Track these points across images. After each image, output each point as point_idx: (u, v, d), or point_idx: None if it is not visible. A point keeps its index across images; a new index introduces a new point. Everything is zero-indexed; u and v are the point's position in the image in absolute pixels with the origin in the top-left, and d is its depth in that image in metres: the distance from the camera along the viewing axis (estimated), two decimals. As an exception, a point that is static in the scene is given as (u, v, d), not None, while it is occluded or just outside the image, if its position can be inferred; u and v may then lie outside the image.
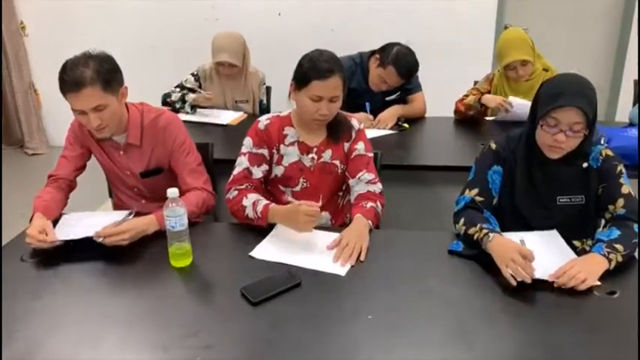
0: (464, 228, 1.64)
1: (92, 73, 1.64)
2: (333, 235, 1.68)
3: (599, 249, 1.51)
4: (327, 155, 1.91)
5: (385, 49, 2.81)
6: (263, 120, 1.90)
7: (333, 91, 1.76)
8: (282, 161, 1.91)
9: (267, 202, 1.75)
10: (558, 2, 4.25)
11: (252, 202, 1.75)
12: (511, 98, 2.75)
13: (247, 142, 1.88)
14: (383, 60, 2.80)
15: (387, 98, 2.99)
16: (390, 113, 2.88)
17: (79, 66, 1.65)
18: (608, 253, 1.48)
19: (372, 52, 2.91)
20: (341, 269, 1.53)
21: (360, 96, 2.93)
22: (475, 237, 1.58)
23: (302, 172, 1.92)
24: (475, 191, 1.71)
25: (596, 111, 1.56)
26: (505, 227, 1.66)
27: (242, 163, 1.86)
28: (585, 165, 1.65)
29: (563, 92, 1.53)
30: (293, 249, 1.63)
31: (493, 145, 1.75)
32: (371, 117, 2.85)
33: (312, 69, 1.75)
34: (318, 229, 1.69)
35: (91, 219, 1.75)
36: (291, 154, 1.91)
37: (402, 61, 2.76)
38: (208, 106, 3.10)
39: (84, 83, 1.63)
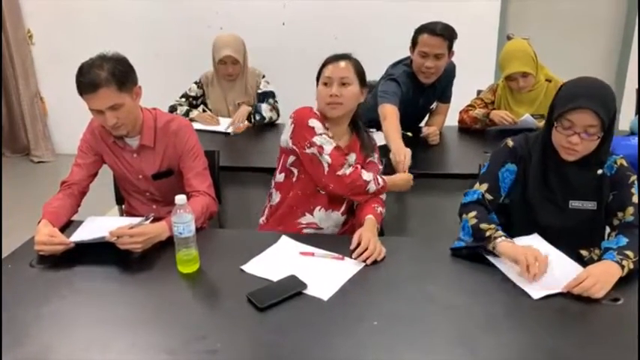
0: (475, 221, 1.64)
1: (107, 75, 1.71)
2: (318, 260, 1.64)
3: (611, 256, 1.50)
4: (351, 159, 1.95)
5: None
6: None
7: (342, 72, 1.85)
8: None
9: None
10: (560, 11, 4.28)
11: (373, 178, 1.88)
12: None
13: (318, 125, 1.84)
14: (414, 40, 2.66)
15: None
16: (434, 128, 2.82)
17: (94, 68, 1.72)
18: (621, 260, 1.48)
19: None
20: (324, 293, 1.46)
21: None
22: (488, 234, 1.60)
23: None
24: (485, 186, 1.73)
25: (614, 116, 1.56)
26: (514, 225, 1.67)
27: (329, 142, 1.84)
28: (600, 172, 1.65)
29: (579, 95, 1.54)
30: (281, 269, 1.57)
31: (510, 143, 1.76)
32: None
33: (328, 59, 1.89)
34: (305, 254, 1.67)
35: (110, 223, 1.75)
36: None
37: (427, 23, 2.62)
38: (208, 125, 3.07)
39: (99, 84, 1.70)
